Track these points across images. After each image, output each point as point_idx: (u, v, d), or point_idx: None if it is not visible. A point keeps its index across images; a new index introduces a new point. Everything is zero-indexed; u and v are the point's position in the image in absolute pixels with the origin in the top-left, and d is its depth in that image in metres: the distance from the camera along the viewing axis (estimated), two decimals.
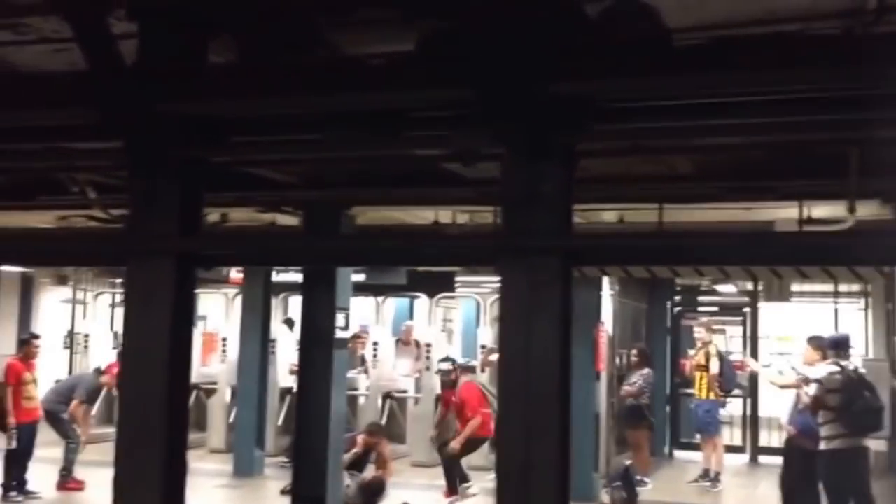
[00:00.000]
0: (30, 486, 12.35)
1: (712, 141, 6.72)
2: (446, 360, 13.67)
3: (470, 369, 14.15)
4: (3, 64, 6.66)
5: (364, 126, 6.45)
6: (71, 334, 18.77)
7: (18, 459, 12.22)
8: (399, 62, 5.77)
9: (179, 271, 6.35)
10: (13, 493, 12.10)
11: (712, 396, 14.84)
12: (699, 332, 15.84)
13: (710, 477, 14.69)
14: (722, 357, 15.30)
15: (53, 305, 22.67)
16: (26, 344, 12.71)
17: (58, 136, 7.38)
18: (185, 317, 6.56)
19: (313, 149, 7.11)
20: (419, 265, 13.67)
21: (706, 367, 14.83)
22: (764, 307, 18.95)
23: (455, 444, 12.80)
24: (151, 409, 6.36)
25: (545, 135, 5.44)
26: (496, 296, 17.88)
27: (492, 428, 12.86)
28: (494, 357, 14.95)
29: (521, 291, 5.40)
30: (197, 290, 8.89)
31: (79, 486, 12.72)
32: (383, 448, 12.68)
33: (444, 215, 11.19)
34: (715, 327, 18.82)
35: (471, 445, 13.09)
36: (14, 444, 12.08)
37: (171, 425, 6.41)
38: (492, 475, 12.41)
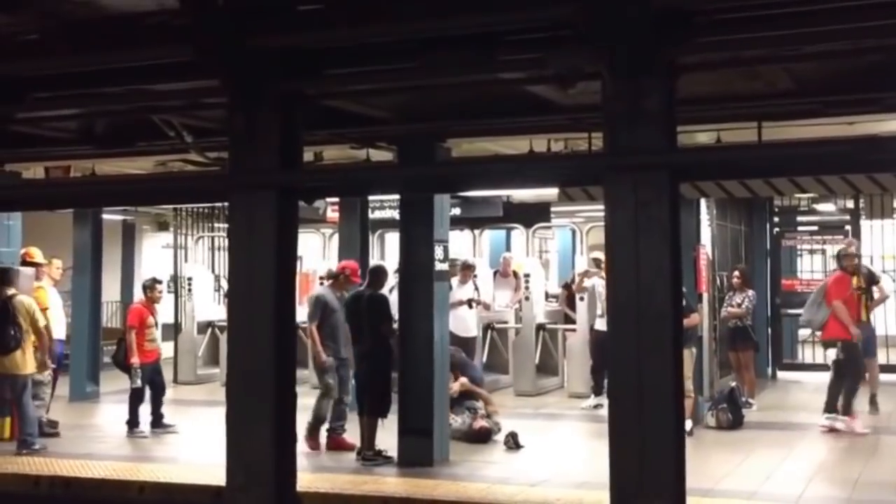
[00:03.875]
0: (166, 420, 12.94)
1: (814, 48, 6.50)
2: None
3: None
4: (94, 7, 6.65)
5: (458, 52, 6.38)
6: (175, 278, 18.99)
7: (141, 398, 12.81)
8: None
9: (281, 204, 6.40)
10: (138, 429, 12.67)
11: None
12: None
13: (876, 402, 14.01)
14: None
15: (155, 251, 23.06)
16: (149, 289, 13.11)
17: (150, 78, 7.40)
18: (288, 249, 6.61)
19: (408, 76, 7.04)
20: (525, 187, 13.44)
21: (867, 290, 14.02)
22: (866, 225, 18.52)
23: None
24: (260, 340, 6.44)
25: (647, 50, 5.33)
26: (592, 224, 17.77)
27: None
28: (588, 283, 14.83)
29: (629, 209, 5.32)
30: None
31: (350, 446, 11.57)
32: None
33: (538, 145, 11.07)
34: (815, 247, 18.56)
35: None
36: (138, 384, 12.69)
37: (280, 355, 6.47)
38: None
